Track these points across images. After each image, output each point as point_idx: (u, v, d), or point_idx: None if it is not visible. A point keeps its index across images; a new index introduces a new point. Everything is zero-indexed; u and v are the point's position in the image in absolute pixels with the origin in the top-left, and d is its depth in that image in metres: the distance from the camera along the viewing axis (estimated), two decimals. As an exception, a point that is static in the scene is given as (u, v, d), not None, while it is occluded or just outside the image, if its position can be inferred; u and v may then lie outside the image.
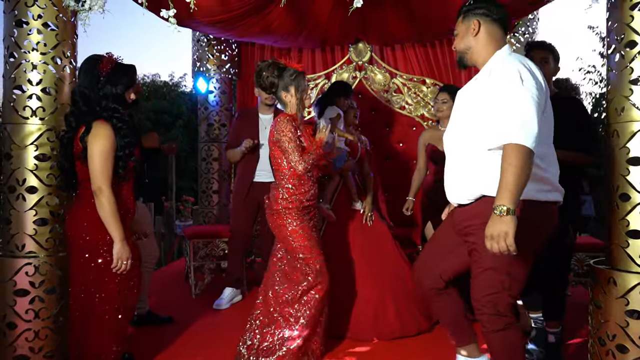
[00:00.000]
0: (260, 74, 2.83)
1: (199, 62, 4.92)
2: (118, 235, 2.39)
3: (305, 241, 2.74)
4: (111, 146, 2.40)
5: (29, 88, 2.52)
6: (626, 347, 2.18)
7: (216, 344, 3.13)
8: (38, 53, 2.52)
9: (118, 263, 2.41)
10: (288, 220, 2.75)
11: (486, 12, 2.16)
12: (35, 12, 2.50)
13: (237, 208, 3.99)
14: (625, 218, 2.23)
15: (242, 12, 3.64)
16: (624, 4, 2.23)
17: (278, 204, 2.77)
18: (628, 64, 2.23)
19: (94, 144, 2.37)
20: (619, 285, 2.21)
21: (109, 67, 2.44)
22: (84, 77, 2.45)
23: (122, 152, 2.44)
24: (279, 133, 2.73)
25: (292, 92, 2.81)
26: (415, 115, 4.86)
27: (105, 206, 2.36)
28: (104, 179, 2.36)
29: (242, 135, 3.92)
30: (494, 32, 2.16)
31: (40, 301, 2.50)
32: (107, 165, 2.37)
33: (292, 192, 2.75)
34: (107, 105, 2.44)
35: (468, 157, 2.12)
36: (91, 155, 2.36)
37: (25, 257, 2.50)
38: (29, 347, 2.48)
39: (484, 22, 2.16)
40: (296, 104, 2.82)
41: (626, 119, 2.23)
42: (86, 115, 2.43)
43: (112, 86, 2.44)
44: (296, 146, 2.70)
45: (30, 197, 2.52)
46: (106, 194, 2.36)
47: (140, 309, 3.39)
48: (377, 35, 4.67)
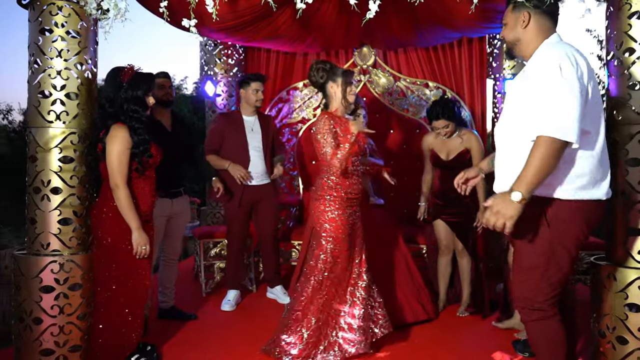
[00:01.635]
0: (312, 67, 3.05)
1: (207, 66, 5.03)
2: (135, 224, 2.65)
3: (339, 232, 2.89)
4: (126, 147, 2.65)
5: (53, 93, 2.62)
6: (625, 339, 2.29)
7: (231, 340, 3.25)
8: (62, 59, 2.63)
9: (138, 249, 2.66)
10: (330, 207, 2.91)
11: (537, 3, 2.14)
12: (60, 20, 2.61)
13: (232, 212, 3.99)
14: (624, 216, 2.35)
15: (251, 18, 3.74)
16: (622, 12, 2.35)
17: (324, 191, 2.93)
18: (626, 70, 2.35)
19: (111, 145, 2.62)
20: (618, 280, 2.33)
21: (129, 75, 2.69)
22: (108, 84, 2.71)
23: (137, 150, 2.67)
24: (317, 131, 2.90)
25: (339, 83, 3.00)
26: (418, 117, 4.98)
27: (121, 199, 2.62)
28: (119, 177, 2.62)
29: (227, 137, 3.93)
30: (544, 24, 2.14)
31: (65, 297, 2.60)
32: (122, 165, 2.63)
33: (336, 182, 2.92)
34: (129, 107, 2.68)
35: (514, 149, 2.12)
36: (108, 155, 2.62)
37: (50, 255, 2.61)
38: (54, 341, 2.58)
39: (534, 14, 2.14)
40: (340, 97, 2.99)
41: (624, 122, 2.35)
42: (109, 117, 2.67)
43: (132, 91, 2.69)
44: (330, 143, 2.86)
45: (54, 197, 2.63)
46: (122, 189, 2.62)
47: (165, 302, 3.53)
48: (382, 40, 4.79)
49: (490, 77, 4.90)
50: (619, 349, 2.32)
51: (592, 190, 2.09)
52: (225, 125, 3.99)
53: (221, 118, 4.12)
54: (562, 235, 2.09)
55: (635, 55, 2.32)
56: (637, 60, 2.31)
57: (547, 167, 1.92)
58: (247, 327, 3.48)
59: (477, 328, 3.49)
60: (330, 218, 2.91)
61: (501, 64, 4.73)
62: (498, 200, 1.96)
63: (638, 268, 2.30)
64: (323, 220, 2.91)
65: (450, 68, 5.00)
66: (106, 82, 2.74)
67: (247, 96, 3.96)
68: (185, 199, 3.60)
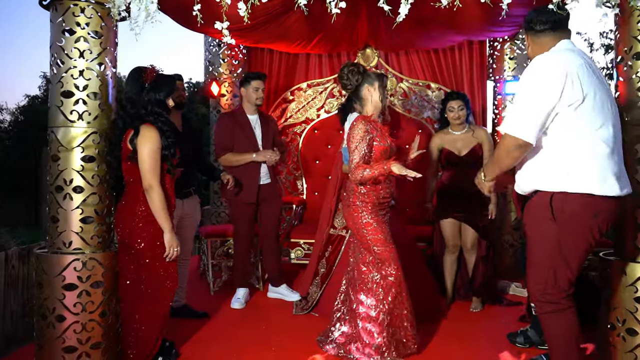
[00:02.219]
0: (343, 69, 3.05)
1: (212, 67, 5.07)
2: (167, 226, 2.66)
3: (379, 234, 2.87)
4: (158, 147, 2.65)
5: (76, 93, 2.65)
6: (635, 331, 2.40)
7: (245, 336, 3.31)
8: (84, 60, 2.66)
9: (170, 251, 2.67)
10: (364, 213, 2.89)
11: (529, 26, 2.42)
12: (82, 21, 2.65)
13: (240, 211, 4.02)
14: (633, 213, 2.45)
15: (264, 19, 3.80)
16: (632, 18, 2.45)
17: (356, 197, 2.90)
18: (635, 73, 2.45)
19: (143, 145, 2.62)
20: (628, 274, 2.43)
21: (152, 77, 2.72)
22: (131, 85, 2.73)
23: (168, 152, 2.69)
24: (353, 135, 2.84)
25: (376, 87, 2.99)
26: (421, 118, 5.07)
27: (155, 201, 2.62)
28: (153, 177, 2.62)
29: (237, 136, 3.97)
30: (543, 41, 2.38)
31: (87, 295, 2.64)
32: (155, 165, 2.63)
33: (369, 188, 2.88)
34: (152, 110, 2.69)
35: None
36: (141, 156, 2.61)
37: (72, 253, 2.64)
38: (76, 338, 2.61)
39: (531, 36, 2.42)
40: (377, 100, 2.98)
41: (633, 122, 2.45)
42: (134, 119, 2.68)
43: (155, 93, 2.71)
44: (361, 152, 2.81)
45: (76, 196, 2.66)
46: (156, 190, 2.62)
47: (177, 301, 3.57)
48: (385, 42, 4.87)
49: (491, 78, 5.01)
50: (628, 341, 2.42)
51: (600, 186, 2.17)
52: (232, 124, 4.03)
53: (226, 118, 4.14)
54: (568, 229, 2.20)
55: (645, 59, 2.42)
56: (646, 64, 2.42)
57: (503, 162, 2.31)
58: (258, 324, 3.54)
59: (486, 323, 3.58)
60: (366, 223, 2.88)
61: (501, 66, 4.85)
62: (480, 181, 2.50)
63: (647, 263, 2.41)
64: (360, 226, 2.89)
65: (451, 70, 5.11)
66: (128, 82, 2.75)
67: (248, 95, 4.00)
68: (195, 199, 3.65)
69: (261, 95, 4.03)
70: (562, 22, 2.36)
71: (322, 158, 5.21)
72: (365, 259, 2.92)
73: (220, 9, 2.50)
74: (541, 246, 2.26)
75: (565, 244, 2.20)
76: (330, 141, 5.20)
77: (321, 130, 5.20)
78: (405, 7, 2.33)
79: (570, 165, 2.19)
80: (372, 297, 2.86)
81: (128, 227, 2.70)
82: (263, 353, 3.03)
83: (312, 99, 5.23)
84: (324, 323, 3.24)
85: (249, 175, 3.97)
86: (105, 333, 2.70)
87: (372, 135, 2.87)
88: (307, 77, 5.34)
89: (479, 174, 2.48)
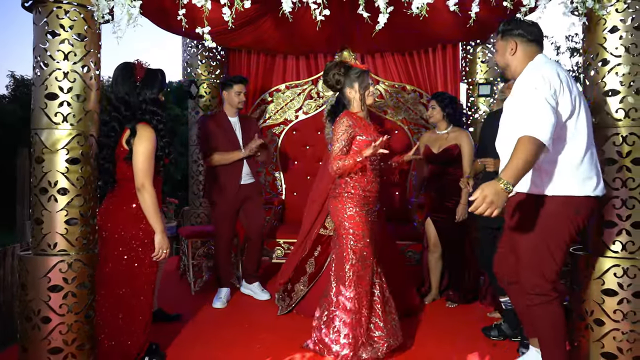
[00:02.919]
0: (327, 72, 3.09)
1: (190, 68, 5.08)
2: (159, 227, 2.68)
3: (359, 229, 2.92)
4: (153, 147, 2.67)
5: (60, 95, 2.66)
6: (602, 321, 2.55)
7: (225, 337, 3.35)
8: (68, 62, 2.67)
9: (159, 252, 2.68)
10: (348, 205, 2.96)
11: (523, 33, 2.45)
12: (66, 23, 2.65)
13: (222, 211, 4.08)
14: (599, 211, 2.60)
15: (238, 23, 3.84)
16: (598, 26, 2.60)
17: (342, 189, 2.98)
18: (602, 78, 2.60)
19: (140, 145, 2.63)
20: (595, 268, 2.59)
21: (142, 74, 2.70)
22: (122, 84, 2.70)
23: (162, 152, 2.71)
24: (335, 129, 2.94)
25: (356, 88, 3.05)
26: (397, 119, 5.19)
27: (147, 201, 2.64)
28: (146, 177, 2.63)
29: (220, 138, 4.04)
30: (530, 50, 2.46)
31: (73, 296, 2.65)
32: (149, 164, 2.64)
33: (354, 179, 2.96)
34: (147, 109, 2.69)
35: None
36: (136, 155, 2.62)
37: (57, 255, 2.65)
38: (62, 339, 2.62)
39: (521, 43, 2.46)
40: (359, 100, 3.06)
41: (601, 125, 2.60)
42: (129, 119, 2.67)
43: (149, 90, 2.70)
44: (341, 144, 2.91)
45: (61, 198, 2.66)
46: (149, 190, 2.63)
47: None
48: (361, 44, 4.97)
49: (464, 81, 5.17)
50: (596, 330, 2.57)
51: (580, 187, 2.35)
52: (215, 126, 4.09)
53: (208, 120, 4.18)
54: (553, 226, 2.36)
55: (610, 66, 2.57)
56: (612, 70, 2.57)
57: (530, 163, 2.14)
58: (241, 323, 3.59)
59: (462, 317, 3.72)
60: (349, 215, 2.95)
61: (474, 69, 5.01)
62: (490, 191, 2.07)
63: (613, 257, 2.56)
64: (342, 218, 2.95)
65: (425, 72, 5.23)
66: (118, 81, 2.71)
67: (230, 98, 4.08)
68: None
69: (243, 98, 4.11)
70: (541, 35, 2.51)
71: (301, 159, 5.29)
72: (342, 252, 2.96)
73: (201, 13, 2.54)
74: (530, 244, 2.41)
75: (550, 239, 2.37)
76: (309, 142, 5.28)
77: (300, 131, 5.28)
78: (384, 17, 2.43)
79: (555, 169, 2.36)
80: (348, 290, 2.91)
81: (122, 224, 2.71)
82: (247, 351, 3.08)
83: (291, 100, 5.30)
84: (307, 322, 3.31)
85: (232, 175, 4.05)
86: (91, 334, 2.72)
87: (354, 130, 2.95)
88: (284, 78, 5.40)
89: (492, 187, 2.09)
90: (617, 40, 2.55)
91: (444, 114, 3.94)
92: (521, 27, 2.46)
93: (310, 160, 5.26)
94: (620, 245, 2.56)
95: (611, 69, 2.57)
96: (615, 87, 2.57)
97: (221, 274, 4.12)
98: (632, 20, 2.53)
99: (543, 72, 2.31)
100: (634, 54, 2.54)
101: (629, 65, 2.54)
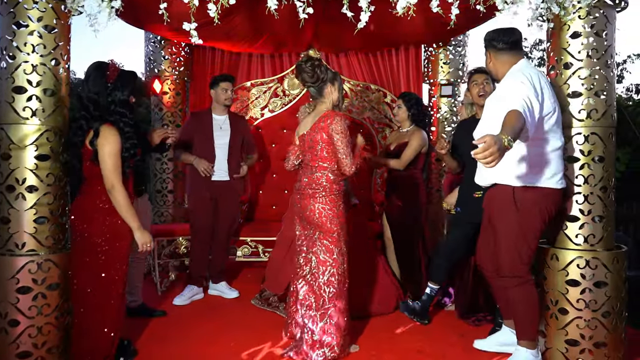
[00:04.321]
0: (307, 64, 3.06)
1: (154, 63, 4.98)
2: (135, 224, 2.65)
3: (338, 225, 2.94)
4: (118, 148, 2.62)
5: (29, 89, 2.56)
6: (566, 310, 2.70)
7: (198, 334, 3.32)
8: (38, 55, 2.57)
9: (143, 247, 2.67)
10: (338, 201, 2.96)
11: (491, 45, 2.71)
12: (35, 14, 2.55)
13: (197, 207, 4.06)
14: (563, 205, 2.75)
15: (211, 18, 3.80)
16: (562, 31, 2.75)
17: (318, 186, 2.94)
18: (565, 81, 2.75)
19: (104, 147, 2.58)
20: (560, 260, 2.73)
21: (115, 75, 2.66)
22: (92, 84, 2.64)
23: (127, 154, 2.66)
24: (336, 132, 2.88)
25: (336, 87, 3.08)
26: (361, 118, 5.27)
27: (119, 200, 2.60)
28: (116, 178, 2.59)
29: (195, 134, 4.06)
30: (504, 57, 2.72)
31: (43, 297, 2.55)
32: (117, 165, 2.60)
33: (335, 175, 2.96)
34: (115, 110, 2.64)
35: None
36: (102, 157, 2.58)
37: (26, 255, 2.55)
38: (32, 343, 2.53)
39: (493, 53, 2.72)
40: (336, 99, 3.08)
41: (564, 125, 2.74)
42: (96, 119, 2.62)
43: (119, 92, 2.66)
44: (350, 149, 2.91)
45: (30, 196, 2.56)
46: (119, 190, 2.60)
47: (134, 301, 3.51)
48: (329, 44, 5.01)
49: (426, 82, 5.31)
50: (561, 319, 2.72)
51: (551, 180, 2.61)
52: (194, 124, 4.14)
53: (191, 117, 4.27)
54: (527, 215, 2.60)
55: (573, 69, 2.72)
56: (574, 73, 2.72)
57: (520, 129, 2.25)
58: (212, 320, 3.56)
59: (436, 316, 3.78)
60: (340, 212, 2.96)
61: (436, 70, 5.16)
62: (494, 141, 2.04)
63: (576, 249, 2.71)
64: (333, 215, 2.93)
65: (388, 72, 5.35)
66: (89, 80, 2.65)
67: (217, 95, 4.11)
68: (146, 197, 3.61)
69: (230, 95, 4.12)
70: (519, 42, 2.71)
71: (267, 156, 5.28)
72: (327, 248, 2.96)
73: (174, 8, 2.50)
74: (509, 232, 2.65)
75: (525, 227, 2.62)
76: (275, 140, 5.28)
77: (265, 129, 5.27)
78: (366, 15, 2.48)
79: (529, 163, 2.57)
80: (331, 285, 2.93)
81: (87, 221, 2.66)
82: (222, 348, 3.07)
83: (256, 98, 5.28)
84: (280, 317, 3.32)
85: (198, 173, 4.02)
86: (62, 336, 2.63)
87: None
88: (249, 76, 5.38)
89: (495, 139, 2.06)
90: (580, 45, 2.70)
91: (409, 114, 4.05)
92: (494, 39, 2.70)
93: (276, 158, 5.26)
94: (582, 238, 2.71)
95: (574, 72, 2.72)
96: (577, 89, 2.72)
97: (193, 270, 4.08)
98: (592, 27, 2.69)
99: (526, 73, 2.55)
100: (595, 58, 2.70)
101: (590, 69, 2.70)
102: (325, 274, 2.92)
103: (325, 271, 2.92)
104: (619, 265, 2.71)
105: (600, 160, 2.71)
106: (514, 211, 2.62)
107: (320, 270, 2.93)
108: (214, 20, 3.92)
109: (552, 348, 2.74)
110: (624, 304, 2.74)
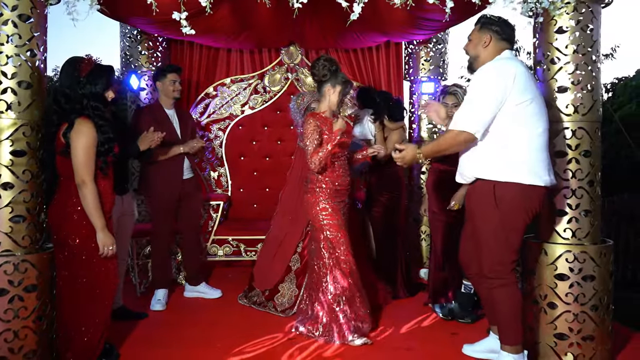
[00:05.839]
0: (319, 60, 3.21)
1: (131, 59, 4.83)
2: (100, 224, 2.55)
3: (333, 219, 3.06)
4: (93, 142, 2.53)
5: (3, 81, 2.44)
6: (555, 304, 2.71)
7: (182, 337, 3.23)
8: (13, 45, 2.45)
9: (104, 250, 2.56)
10: (320, 198, 3.08)
11: (499, 30, 2.60)
12: (10, 3, 2.44)
13: (162, 207, 3.87)
14: (551, 200, 2.76)
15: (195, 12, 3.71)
16: (549, 27, 2.76)
17: (313, 184, 3.10)
18: (552, 76, 2.76)
19: (77, 140, 2.49)
20: (548, 254, 2.74)
21: (88, 69, 2.57)
22: (65, 78, 2.57)
23: (103, 148, 2.57)
24: (304, 131, 3.05)
25: (338, 91, 3.11)
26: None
27: (87, 197, 2.51)
28: (86, 173, 2.50)
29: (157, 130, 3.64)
30: (500, 47, 2.62)
31: (20, 300, 2.44)
32: (89, 160, 2.51)
33: (324, 175, 3.08)
34: (87, 104, 2.56)
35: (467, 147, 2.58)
36: (74, 150, 2.49)
37: (2, 255, 2.43)
38: (8, 347, 2.41)
39: (495, 38, 2.60)
40: (335, 102, 3.14)
41: (552, 120, 2.75)
42: (69, 112, 2.53)
43: (91, 85, 2.57)
44: (314, 142, 3.02)
45: (5, 193, 2.45)
46: (89, 186, 2.51)
47: (115, 303, 3.37)
48: (311, 40, 4.96)
49: (407, 79, 5.30)
50: (550, 313, 2.73)
51: (531, 177, 2.50)
52: (151, 119, 3.79)
53: (144, 113, 3.93)
54: (509, 212, 2.50)
55: (560, 64, 2.74)
56: (561, 68, 2.74)
57: (446, 150, 2.60)
58: (196, 322, 3.46)
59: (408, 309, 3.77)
60: (322, 208, 3.09)
61: (417, 67, 5.15)
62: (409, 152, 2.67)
63: (564, 244, 2.73)
64: (316, 211, 3.09)
65: (369, 69, 5.33)
66: (62, 74, 2.58)
67: (165, 88, 3.88)
68: (130, 196, 3.50)
69: (179, 87, 3.93)
70: (514, 37, 2.68)
71: (247, 154, 5.20)
72: (319, 243, 3.10)
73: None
74: (488, 229, 2.53)
75: (506, 225, 2.50)
76: (255, 137, 5.20)
77: (245, 127, 5.18)
78: (359, 7, 2.44)
79: (509, 158, 2.48)
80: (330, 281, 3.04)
81: (62, 223, 2.56)
82: (209, 350, 2.99)
83: (236, 94, 5.18)
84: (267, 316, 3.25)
85: (173, 170, 3.84)
86: (40, 340, 2.51)
87: (322, 129, 3.08)
88: (228, 72, 5.28)
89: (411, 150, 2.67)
90: (567, 40, 2.72)
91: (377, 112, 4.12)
92: (499, 25, 2.61)
93: (257, 155, 5.19)
94: (570, 233, 2.73)
95: (561, 67, 2.74)
96: (564, 84, 2.74)
97: (157, 275, 3.91)
98: (578, 23, 2.71)
99: (501, 67, 2.49)
100: (581, 54, 2.72)
101: (577, 64, 2.72)
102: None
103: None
104: (606, 259, 2.74)
105: (587, 155, 2.74)
106: (493, 208, 2.49)
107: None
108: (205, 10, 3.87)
109: (542, 342, 2.75)
110: (610, 298, 2.77)
